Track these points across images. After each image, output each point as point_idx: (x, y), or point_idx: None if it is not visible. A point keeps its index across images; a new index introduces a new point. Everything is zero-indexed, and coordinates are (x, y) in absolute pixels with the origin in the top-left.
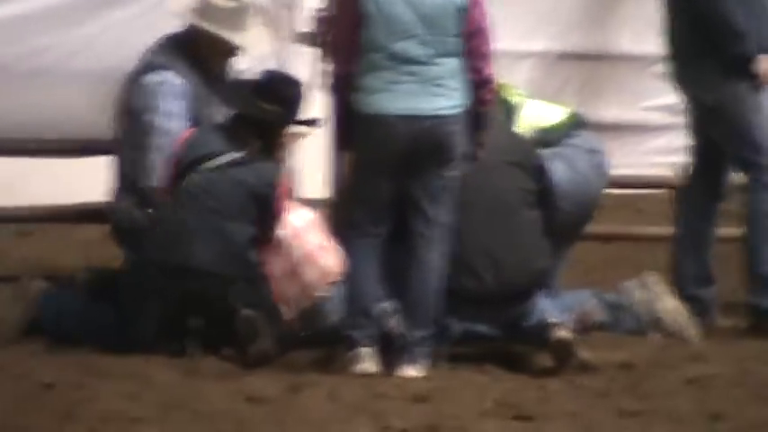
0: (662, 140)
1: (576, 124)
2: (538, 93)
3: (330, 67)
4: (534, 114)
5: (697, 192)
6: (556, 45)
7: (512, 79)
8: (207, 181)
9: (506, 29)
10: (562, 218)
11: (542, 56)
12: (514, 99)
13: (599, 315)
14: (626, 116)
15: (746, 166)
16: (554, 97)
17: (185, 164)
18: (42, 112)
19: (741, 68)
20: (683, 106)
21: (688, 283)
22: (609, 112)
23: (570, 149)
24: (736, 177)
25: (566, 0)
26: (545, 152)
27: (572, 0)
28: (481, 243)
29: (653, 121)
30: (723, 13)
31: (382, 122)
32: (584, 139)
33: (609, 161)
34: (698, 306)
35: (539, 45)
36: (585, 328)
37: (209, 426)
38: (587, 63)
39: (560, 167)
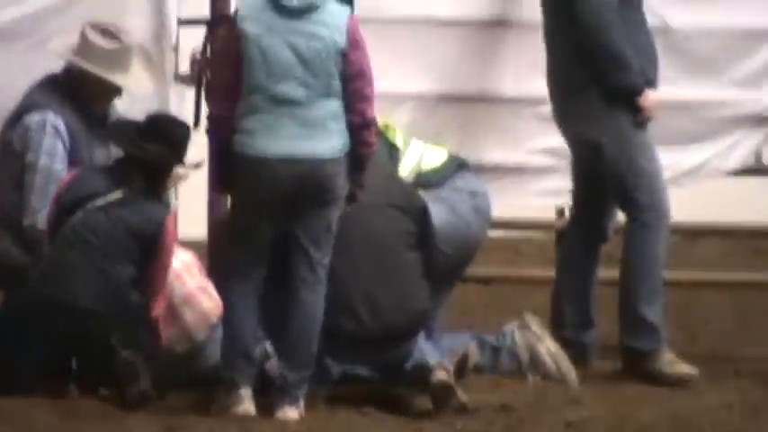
0: (544, 183)
1: (457, 166)
2: (418, 135)
3: (209, 108)
4: (417, 156)
5: (578, 234)
6: (435, 87)
7: (392, 121)
8: (90, 220)
9: (387, 71)
10: (442, 260)
11: (422, 98)
12: (398, 141)
13: (478, 357)
14: (508, 158)
15: (625, 203)
16: (434, 139)
17: (68, 203)
18: None
19: (625, 102)
20: (565, 147)
21: (568, 327)
22: (491, 154)
23: (451, 192)
24: (619, 220)
25: (445, 41)
26: (427, 194)
27: (452, 41)
28: (360, 284)
29: (535, 163)
30: (609, 44)
31: (262, 164)
32: (465, 181)
33: (490, 203)
34: (577, 349)
35: (418, 87)
36: (465, 370)
37: None
38: (468, 105)
39: (441, 209)
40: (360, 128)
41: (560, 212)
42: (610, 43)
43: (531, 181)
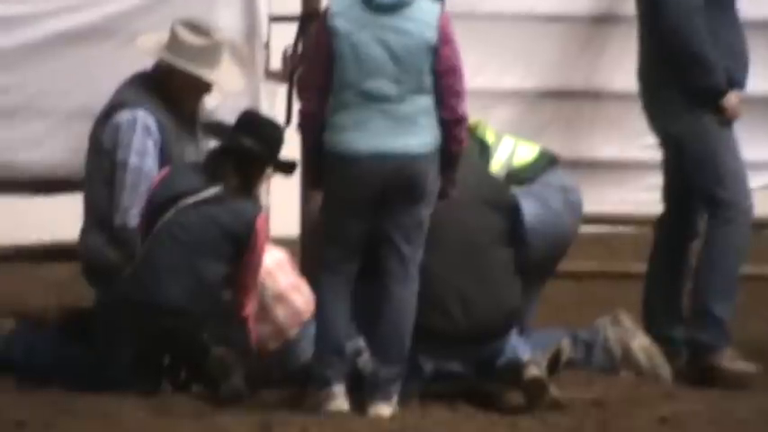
0: (654, 178)
1: (548, 162)
2: (521, 131)
3: (300, 105)
4: (508, 153)
5: (671, 230)
6: (538, 82)
7: (491, 117)
8: (182, 218)
9: (487, 66)
10: (535, 256)
11: (523, 94)
12: (489, 138)
13: (571, 353)
14: (616, 154)
15: (707, 199)
16: (537, 135)
17: (161, 201)
18: (12, 150)
19: (708, 102)
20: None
21: (660, 322)
22: (598, 149)
23: (543, 187)
24: None
25: (549, 37)
26: (518, 190)
27: (556, 37)
28: (452, 282)
29: (644, 158)
30: (692, 48)
31: (353, 161)
32: (557, 176)
33: (581, 199)
34: (670, 345)
35: (520, 83)
36: (558, 365)
37: None
38: (574, 101)
39: (533, 205)
40: (451, 124)
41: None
42: (693, 47)
43: (641, 176)
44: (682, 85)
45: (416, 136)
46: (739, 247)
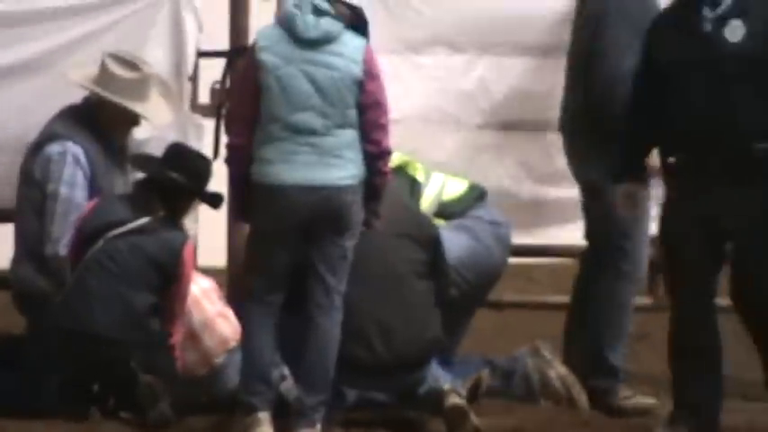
0: None
1: (478, 196)
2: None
3: (228, 138)
4: (437, 188)
5: (591, 266)
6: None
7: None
8: (110, 248)
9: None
10: (465, 287)
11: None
12: (418, 175)
13: (491, 381)
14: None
15: (613, 248)
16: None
17: (90, 232)
18: None
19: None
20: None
21: (579, 353)
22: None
23: (473, 221)
24: None
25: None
26: (448, 224)
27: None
28: (373, 313)
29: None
30: (611, 120)
31: (280, 193)
32: (486, 210)
33: (510, 233)
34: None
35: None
36: (478, 394)
37: None
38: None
39: (463, 237)
40: (375, 157)
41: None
42: (611, 122)
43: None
44: (601, 137)
45: (342, 168)
46: (629, 303)
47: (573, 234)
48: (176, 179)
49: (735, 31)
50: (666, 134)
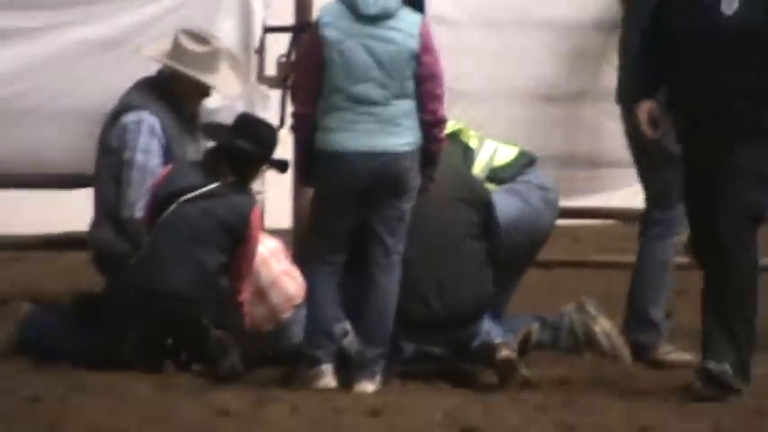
0: None
1: (527, 162)
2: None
3: (293, 108)
4: (489, 154)
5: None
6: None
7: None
8: (183, 212)
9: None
10: (515, 248)
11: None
12: (471, 142)
13: (540, 335)
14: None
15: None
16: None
17: (164, 196)
18: (30, 149)
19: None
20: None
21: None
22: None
23: (523, 185)
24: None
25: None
26: (500, 188)
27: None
28: (430, 272)
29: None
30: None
31: (342, 159)
32: (535, 175)
33: (558, 196)
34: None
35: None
36: (527, 347)
37: None
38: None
39: (514, 201)
40: (431, 125)
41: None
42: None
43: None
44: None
45: (400, 136)
46: (670, 261)
47: (613, 198)
48: (245, 147)
49: (731, 4)
50: (668, 93)
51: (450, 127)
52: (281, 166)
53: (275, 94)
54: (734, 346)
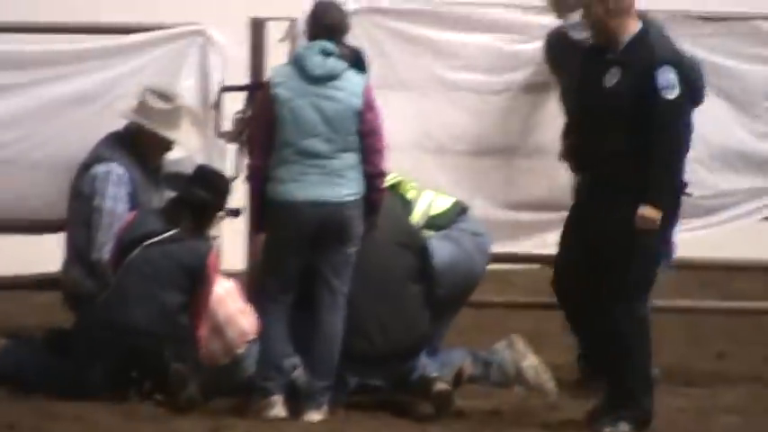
0: None
1: (461, 210)
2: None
3: (247, 161)
4: (426, 204)
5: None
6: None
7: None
8: (146, 255)
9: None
10: (450, 289)
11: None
12: (409, 192)
13: (473, 370)
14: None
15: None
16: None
17: (129, 240)
18: (5, 196)
19: None
20: None
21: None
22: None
23: (457, 232)
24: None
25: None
26: (436, 234)
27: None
28: (372, 311)
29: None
30: None
31: (292, 208)
32: (469, 223)
33: (490, 242)
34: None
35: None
36: (461, 381)
37: None
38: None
39: (449, 246)
40: (373, 177)
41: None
42: None
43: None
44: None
45: (345, 187)
46: None
47: (545, 244)
48: (202, 196)
49: (611, 78)
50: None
51: (389, 180)
52: (235, 213)
53: (231, 148)
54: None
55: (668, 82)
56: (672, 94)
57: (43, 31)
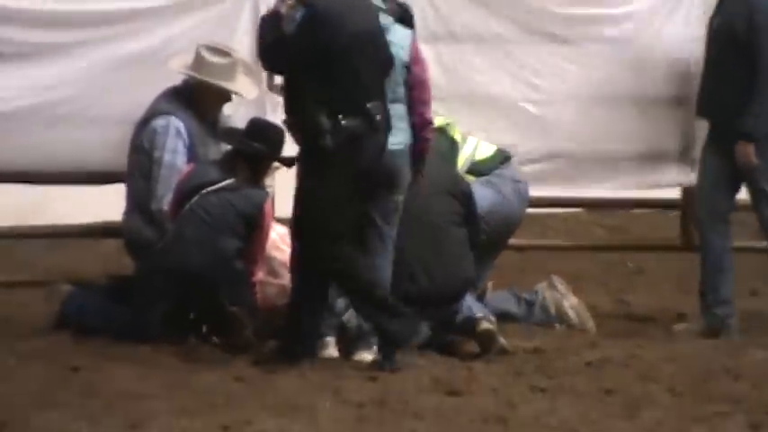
0: None
1: (503, 159)
2: None
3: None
4: (471, 149)
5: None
6: None
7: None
8: (204, 202)
9: None
10: (490, 233)
11: None
12: (456, 136)
13: (516, 310)
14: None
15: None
16: None
17: (187, 189)
18: (69, 149)
19: None
20: None
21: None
22: None
23: (498, 179)
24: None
25: None
26: (478, 179)
27: None
28: (418, 255)
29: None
30: None
31: None
32: (510, 170)
33: (528, 188)
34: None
35: None
36: (504, 320)
37: (204, 400)
38: None
39: (490, 191)
40: (420, 127)
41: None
42: None
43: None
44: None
45: (393, 136)
46: None
47: (579, 189)
48: (257, 148)
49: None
50: None
51: (438, 121)
52: (289, 163)
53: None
54: None
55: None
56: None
57: None
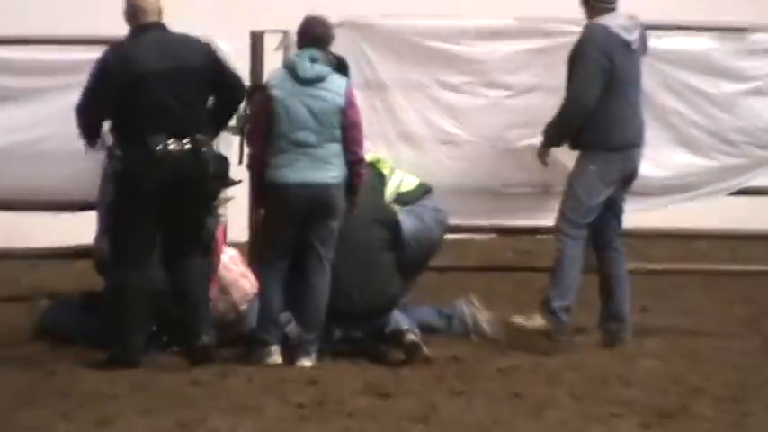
0: None
1: (425, 190)
2: None
3: (249, 150)
4: (397, 181)
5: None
6: None
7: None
8: None
9: None
10: (413, 256)
11: None
12: (385, 170)
13: (437, 323)
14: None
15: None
16: None
17: None
18: (48, 181)
19: None
20: None
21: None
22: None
23: (421, 208)
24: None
25: None
26: (402, 209)
27: None
28: (352, 275)
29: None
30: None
31: (286, 189)
32: (431, 201)
33: (447, 217)
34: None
35: None
36: (427, 332)
37: (165, 401)
38: None
39: (413, 219)
40: (353, 163)
41: None
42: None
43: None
44: None
45: (330, 171)
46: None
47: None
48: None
49: None
50: None
51: (369, 157)
52: (234, 183)
53: (236, 139)
54: None
55: None
56: None
57: (62, 43)
